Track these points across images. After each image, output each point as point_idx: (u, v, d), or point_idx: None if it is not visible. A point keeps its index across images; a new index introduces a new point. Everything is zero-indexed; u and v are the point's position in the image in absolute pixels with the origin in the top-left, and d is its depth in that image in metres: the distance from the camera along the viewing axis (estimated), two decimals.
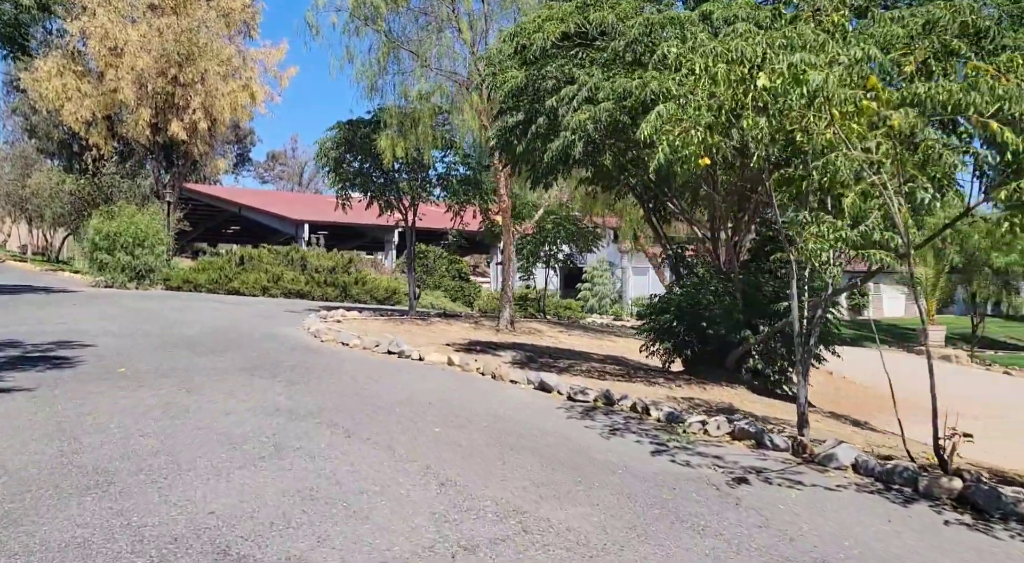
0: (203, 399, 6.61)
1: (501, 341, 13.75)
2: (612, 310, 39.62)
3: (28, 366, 8.03)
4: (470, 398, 7.06)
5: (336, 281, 24.50)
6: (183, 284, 23.57)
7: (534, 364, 9.51)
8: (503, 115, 9.83)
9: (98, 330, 11.28)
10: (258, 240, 58.72)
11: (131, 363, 8.41)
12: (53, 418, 5.77)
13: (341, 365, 8.81)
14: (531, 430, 5.90)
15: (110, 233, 23.04)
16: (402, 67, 15.08)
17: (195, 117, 31.05)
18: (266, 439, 5.37)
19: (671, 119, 5.13)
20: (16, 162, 51.33)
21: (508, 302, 16.33)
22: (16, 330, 10.99)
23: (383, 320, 15.85)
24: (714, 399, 7.56)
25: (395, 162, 15.37)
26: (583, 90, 7.77)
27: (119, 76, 29.54)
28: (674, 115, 5.12)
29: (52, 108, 31.12)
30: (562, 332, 18.47)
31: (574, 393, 7.11)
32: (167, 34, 29.87)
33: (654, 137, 5.34)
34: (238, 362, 8.78)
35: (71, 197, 36.67)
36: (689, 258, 10.05)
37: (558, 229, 20.99)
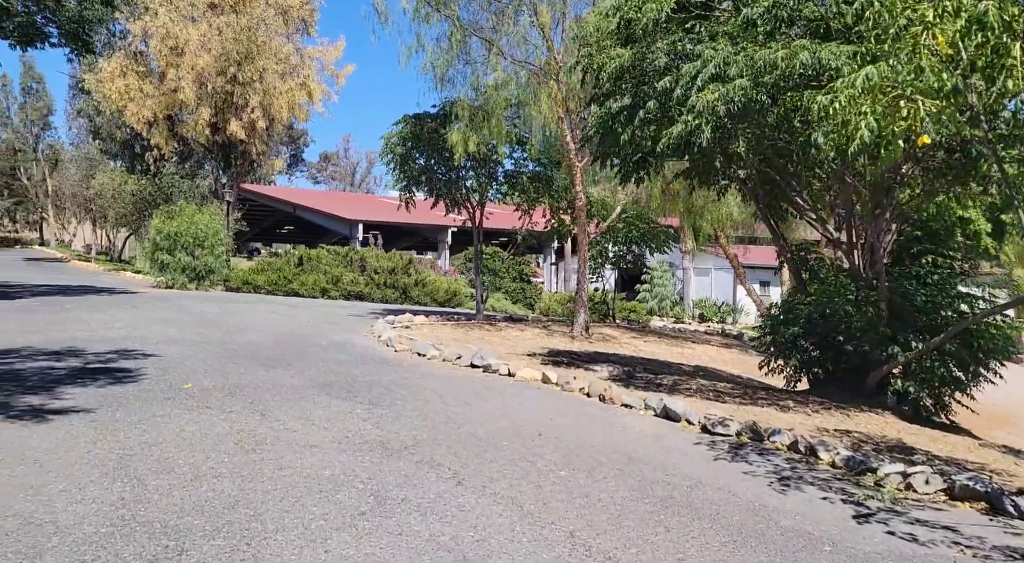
0: (279, 426, 5.73)
1: (582, 350, 12.71)
2: (673, 312, 38.17)
3: (88, 380, 7.31)
4: (585, 428, 6.02)
5: (396, 283, 23.77)
6: (242, 285, 23.14)
7: (637, 381, 8.43)
8: (601, 101, 8.77)
9: (159, 337, 10.61)
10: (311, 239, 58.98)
11: (196, 377, 7.63)
12: (115, 450, 4.94)
13: (423, 383, 7.88)
14: (679, 478, 4.83)
15: (171, 233, 22.76)
16: (472, 57, 14.14)
17: (253, 116, 30.77)
18: (362, 485, 4.42)
19: (873, 89, 4.01)
20: (81, 163, 52.45)
21: (583, 307, 15.25)
22: (78, 336, 10.40)
23: (451, 325, 14.94)
24: (872, 431, 6.38)
25: (464, 158, 14.45)
26: (709, 66, 6.67)
27: (179, 76, 29.41)
28: (879, 83, 4.00)
29: (115, 109, 31.25)
30: (636, 338, 17.32)
31: (711, 424, 6.01)
32: (226, 32, 29.63)
33: (841, 113, 4.21)
34: (309, 377, 7.92)
35: (133, 197, 36.92)
36: (813, 262, 8.83)
37: (630, 229, 19.82)
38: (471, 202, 16.58)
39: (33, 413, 5.84)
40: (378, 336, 11.41)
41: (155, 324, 12.09)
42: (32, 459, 4.69)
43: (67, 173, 60.55)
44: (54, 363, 8.20)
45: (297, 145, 71.85)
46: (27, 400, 6.29)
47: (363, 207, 50.13)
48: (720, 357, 16.58)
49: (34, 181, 63.64)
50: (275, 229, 57.34)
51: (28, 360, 8.35)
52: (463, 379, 8.22)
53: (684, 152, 7.20)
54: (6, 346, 9.32)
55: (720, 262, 39.31)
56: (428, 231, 47.84)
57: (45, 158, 63.39)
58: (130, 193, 36.87)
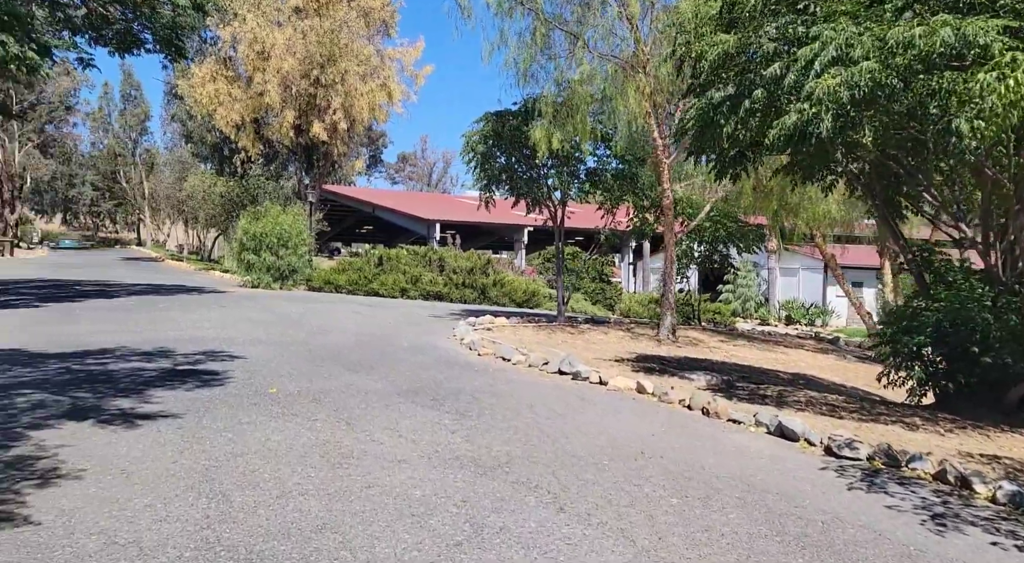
0: (365, 438, 5.45)
1: (671, 355, 12.09)
2: (758, 314, 36.75)
3: (177, 383, 7.27)
4: (692, 448, 5.50)
5: (474, 283, 23.61)
6: (324, 285, 23.46)
7: (739, 392, 7.81)
8: (699, 91, 8.18)
9: (245, 338, 10.64)
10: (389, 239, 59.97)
11: (281, 381, 7.49)
12: (200, 461, 4.76)
13: (510, 390, 7.50)
14: (811, 511, 4.26)
15: (256, 234, 23.28)
16: (555, 51, 13.70)
17: (335, 118, 31.28)
18: (455, 509, 4.06)
19: None
20: (174, 167, 54.93)
21: (670, 309, 14.60)
22: (168, 336, 10.54)
23: (533, 328, 14.56)
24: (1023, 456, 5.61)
25: (546, 156, 14.03)
26: (829, 49, 6.03)
27: (265, 79, 30.18)
28: None
29: (205, 113, 32.38)
30: (724, 342, 16.50)
31: (836, 446, 5.39)
32: (310, 36, 30.21)
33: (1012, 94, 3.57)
34: (393, 382, 7.67)
35: (221, 199, 38.27)
36: (939, 264, 7.98)
37: (717, 227, 18.96)
38: (552, 201, 16.15)
39: (123, 418, 5.78)
40: (460, 339, 11.13)
41: (241, 324, 12.19)
42: (119, 468, 4.55)
43: (161, 176, 63.62)
44: (145, 364, 8.25)
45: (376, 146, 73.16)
46: (118, 403, 6.26)
47: (440, 207, 50.53)
48: (817, 363, 15.60)
49: (132, 184, 67.14)
50: (354, 229, 58.56)
51: (121, 360, 8.44)
52: (552, 387, 7.81)
53: (797, 144, 6.55)
54: (103, 345, 9.50)
55: (808, 262, 37.56)
56: (504, 230, 47.78)
57: (142, 162, 66.78)
58: (219, 195, 38.22)
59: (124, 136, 66.96)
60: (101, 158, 67.94)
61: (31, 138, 52.01)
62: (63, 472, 4.44)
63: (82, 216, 75.42)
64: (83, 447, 4.95)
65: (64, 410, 5.96)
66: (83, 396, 6.50)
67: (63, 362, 8.19)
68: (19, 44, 13.66)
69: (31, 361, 8.18)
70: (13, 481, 4.24)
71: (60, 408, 6.03)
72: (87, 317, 12.63)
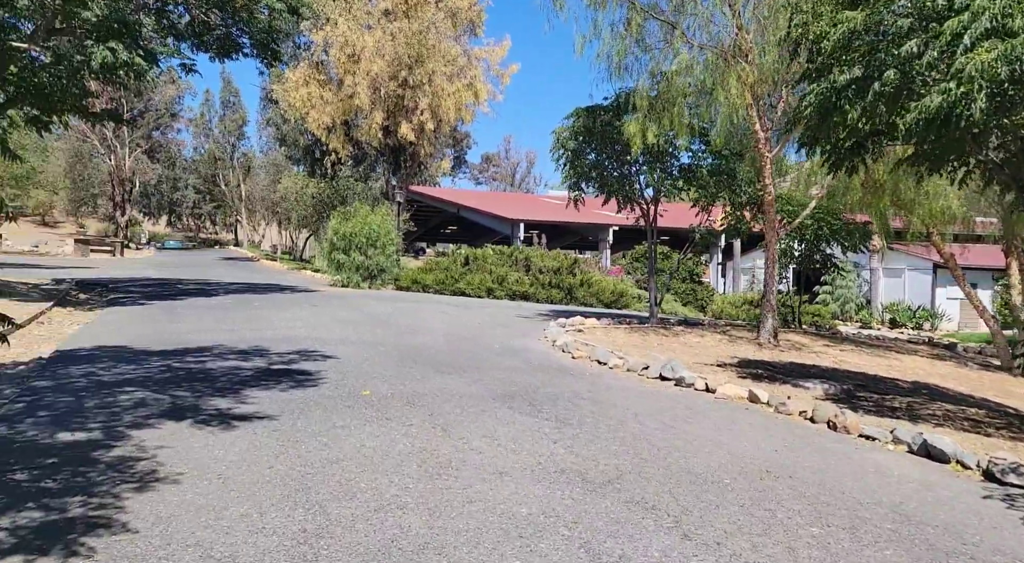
0: (463, 446, 5.16)
1: (775, 361, 11.35)
2: (859, 316, 34.78)
3: (272, 382, 7.22)
4: (825, 467, 4.92)
5: (561, 283, 23.22)
6: (412, 284, 23.60)
7: (863, 403, 7.11)
8: (816, 76, 7.52)
9: (336, 338, 10.63)
10: (473, 239, 60.37)
11: (373, 383, 7.32)
12: (296, 467, 4.57)
13: (611, 397, 7.07)
14: (986, 551, 3.65)
15: (346, 234, 23.66)
16: (649, 42, 13.14)
17: (422, 118, 31.55)
18: (567, 531, 3.69)
19: None
20: (269, 169, 57.07)
21: (771, 311, 13.76)
22: (264, 335, 10.64)
23: (625, 330, 14.05)
24: None
25: (640, 152, 13.49)
26: (982, 19, 5.34)
27: (355, 81, 30.75)
28: None
29: (298, 116, 33.31)
30: (829, 346, 15.47)
31: (999, 471, 4.68)
32: (399, 38, 30.58)
33: None
34: (487, 386, 7.38)
35: (313, 200, 39.36)
36: None
37: (820, 225, 17.85)
38: (644, 199, 15.57)
39: (220, 419, 5.70)
40: (552, 341, 10.77)
41: (333, 324, 12.23)
42: (216, 473, 4.41)
43: (257, 179, 66.27)
44: (241, 363, 8.27)
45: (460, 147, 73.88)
46: (215, 403, 6.21)
47: (524, 207, 50.42)
48: (936, 371, 14.39)
49: (230, 187, 70.18)
50: (439, 229, 59.22)
51: (219, 359, 8.51)
52: (654, 394, 7.32)
53: (940, 129, 5.85)
54: (202, 344, 9.65)
55: (915, 261, 35.27)
56: (589, 230, 47.17)
57: (240, 165, 69.71)
58: (310, 196, 39.30)
59: (223, 141, 70.10)
60: (202, 162, 71.38)
61: (139, 144, 55.13)
62: (161, 475, 4.33)
63: (185, 218, 79.49)
64: (181, 449, 4.86)
65: (164, 409, 5.95)
66: (182, 395, 6.50)
67: (164, 360, 8.32)
68: (128, 51, 14.19)
69: (135, 358, 8.35)
70: (113, 484, 4.15)
71: (160, 407, 6.03)
72: (188, 315, 12.99)
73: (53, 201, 60.36)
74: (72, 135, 54.06)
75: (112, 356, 8.45)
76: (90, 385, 6.81)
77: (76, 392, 6.46)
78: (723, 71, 11.78)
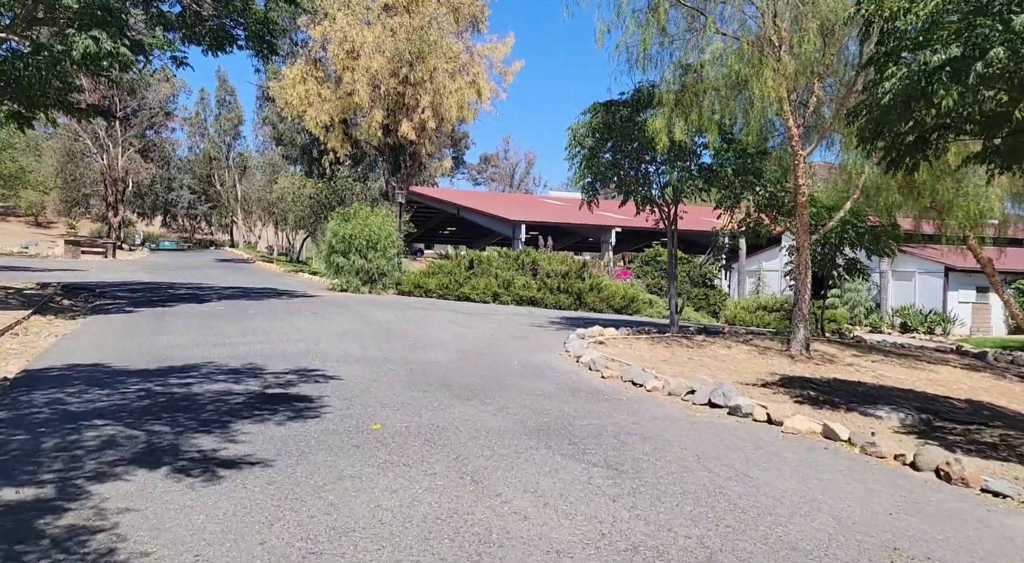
0: (502, 506, 4.18)
1: (817, 377, 10.40)
2: (868, 320, 33.92)
3: (267, 411, 6.23)
4: (968, 544, 3.88)
5: (570, 288, 22.24)
6: (414, 289, 22.60)
7: (951, 436, 6.14)
8: (883, 62, 6.57)
9: (339, 353, 9.64)
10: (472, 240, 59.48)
11: (384, 412, 6.34)
12: (296, 542, 3.59)
13: (661, 431, 6.09)
14: None
15: (346, 236, 22.66)
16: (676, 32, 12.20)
17: (424, 116, 30.57)
18: None
19: None
20: (265, 169, 56.02)
21: (803, 321, 12.81)
22: (258, 350, 9.65)
23: (646, 340, 13.09)
24: None
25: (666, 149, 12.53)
26: None
27: (355, 78, 29.75)
28: None
29: (295, 114, 32.27)
30: (858, 356, 14.52)
31: None
32: (400, 33, 29.60)
33: None
34: (516, 416, 6.40)
35: (310, 200, 38.31)
36: None
37: (845, 228, 16.93)
38: (664, 200, 14.62)
39: (203, 464, 4.71)
40: (576, 357, 9.80)
41: (334, 337, 11.24)
42: (193, 553, 3.42)
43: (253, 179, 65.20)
44: (232, 385, 7.29)
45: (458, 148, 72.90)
46: (198, 443, 5.22)
47: (525, 207, 49.53)
48: (978, 385, 13.45)
49: (226, 187, 69.12)
50: (438, 230, 58.22)
51: (207, 380, 7.52)
52: (710, 427, 6.34)
53: None
54: (189, 360, 8.67)
55: (926, 265, 34.40)
56: (591, 231, 46.28)
57: (235, 165, 68.65)
58: (308, 196, 38.25)
59: (219, 140, 69.02)
60: (197, 162, 70.30)
61: (132, 143, 54.03)
62: (120, 558, 3.34)
63: (180, 218, 78.38)
64: (151, 513, 3.87)
65: (137, 451, 4.97)
66: (160, 431, 5.51)
67: (145, 382, 7.33)
68: (112, 40, 13.20)
69: (111, 380, 7.36)
70: None
71: (133, 448, 5.04)
72: (176, 325, 11.99)
73: (44, 201, 59.22)
74: (63, 134, 52.98)
75: (86, 378, 7.46)
76: (53, 417, 5.81)
77: (35, 428, 5.47)
78: (758, 61, 10.82)
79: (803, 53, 10.92)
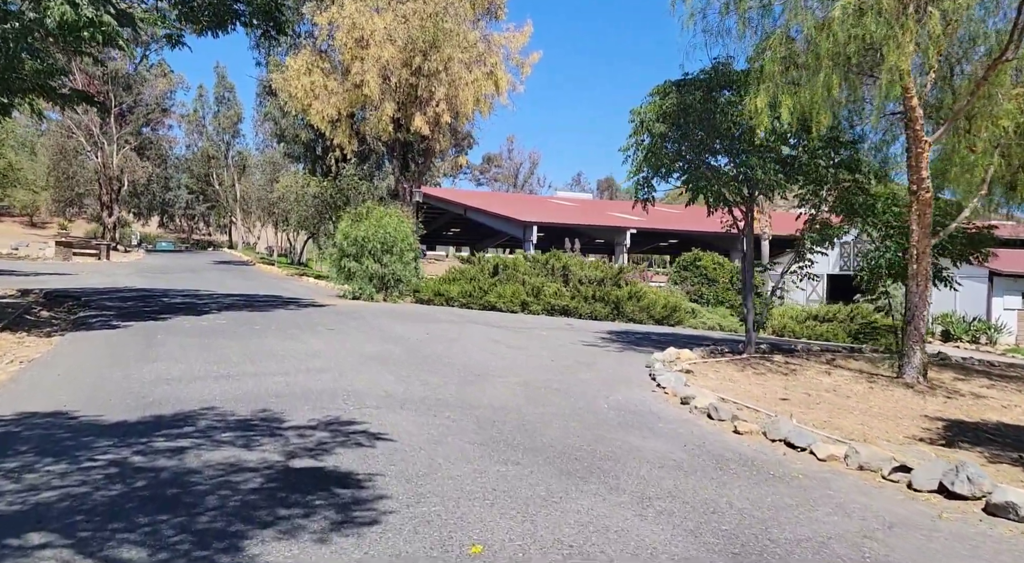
0: None
1: (972, 419, 8.29)
2: None
3: (298, 510, 4.10)
4: None
5: (607, 296, 20.10)
6: (434, 297, 20.46)
7: None
8: None
9: (375, 390, 7.51)
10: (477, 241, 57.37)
11: (474, 512, 4.21)
12: None
13: (925, 558, 3.95)
14: None
15: (358, 238, 20.52)
16: None
17: (438, 109, 28.45)
18: None
19: None
20: (265, 168, 53.83)
21: (920, 343, 10.69)
22: (271, 386, 7.51)
23: (731, 365, 10.98)
24: None
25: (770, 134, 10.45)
26: None
27: (364, 69, 27.62)
28: None
29: (300, 108, 30.10)
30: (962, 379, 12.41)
31: None
32: (413, 20, 27.48)
33: None
34: (679, 523, 4.27)
35: (315, 200, 36.14)
36: None
37: None
38: (742, 197, 12.51)
39: None
40: (683, 398, 7.64)
41: (362, 364, 9.10)
42: None
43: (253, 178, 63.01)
44: (243, 453, 5.15)
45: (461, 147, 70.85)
46: None
47: (533, 208, 47.55)
48: None
49: (225, 186, 66.97)
50: (441, 231, 56.07)
51: (207, 442, 5.39)
52: (986, 545, 4.17)
53: None
54: (183, 405, 6.53)
55: (968, 269, 32.34)
56: (603, 232, 44.31)
57: (234, 164, 66.50)
58: (312, 195, 36.08)
59: (217, 138, 66.88)
60: (195, 161, 68.15)
61: (128, 140, 51.82)
62: None
63: (177, 219, 76.18)
64: None
65: None
66: (131, 560, 3.39)
67: (120, 445, 5.21)
68: (94, 6, 11.09)
69: (73, 444, 5.22)
70: None
71: None
72: (169, 347, 9.85)
73: (36, 201, 57.03)
74: (56, 130, 50.82)
75: (39, 439, 5.34)
76: None
77: None
78: (898, 20, 8.66)
79: (954, 7, 8.78)
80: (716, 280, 22.72)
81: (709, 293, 22.31)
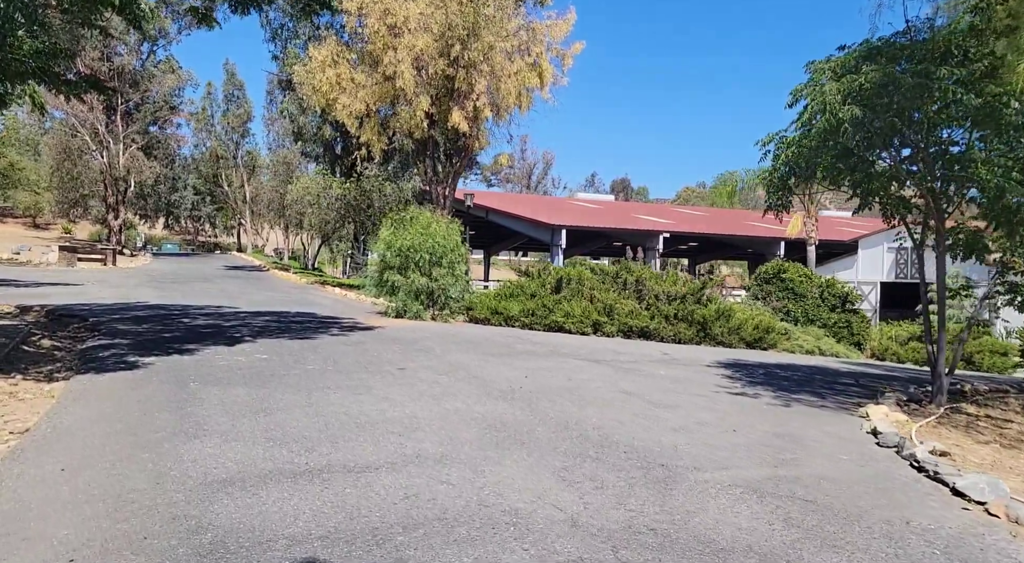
0: None
1: None
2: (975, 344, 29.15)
3: None
4: None
5: (690, 315, 17.45)
6: (491, 316, 17.84)
7: None
8: None
9: (546, 513, 4.87)
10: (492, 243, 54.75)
11: None
12: None
13: None
14: None
15: (403, 248, 17.92)
16: None
17: (478, 104, 25.84)
18: None
19: None
20: (277, 169, 51.20)
21: None
22: (382, 497, 4.87)
23: (944, 424, 8.34)
24: None
25: None
26: None
27: (397, 59, 25.01)
28: None
29: (323, 103, 27.45)
30: None
31: None
32: (450, 5, 24.86)
33: None
34: None
35: (337, 202, 33.52)
36: None
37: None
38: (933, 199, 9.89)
39: None
40: (1001, 512, 5.02)
41: (490, 445, 6.44)
42: None
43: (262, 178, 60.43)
44: None
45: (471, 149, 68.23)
46: None
47: (557, 211, 45.04)
48: None
49: (233, 187, 64.42)
50: None
51: None
52: None
53: None
54: (262, 543, 3.90)
55: None
56: (633, 237, 41.78)
57: (244, 164, 63.95)
58: (335, 197, 33.46)
59: (226, 138, 64.36)
60: (203, 161, 65.64)
61: (135, 139, 49.27)
62: None
63: (183, 220, 73.65)
64: None
65: None
66: None
67: None
68: None
69: None
70: None
71: None
72: (210, 407, 7.22)
73: (39, 202, 54.51)
74: (60, 129, 48.31)
75: None
76: None
77: None
78: None
79: None
80: (804, 295, 20.05)
81: (797, 310, 19.67)
